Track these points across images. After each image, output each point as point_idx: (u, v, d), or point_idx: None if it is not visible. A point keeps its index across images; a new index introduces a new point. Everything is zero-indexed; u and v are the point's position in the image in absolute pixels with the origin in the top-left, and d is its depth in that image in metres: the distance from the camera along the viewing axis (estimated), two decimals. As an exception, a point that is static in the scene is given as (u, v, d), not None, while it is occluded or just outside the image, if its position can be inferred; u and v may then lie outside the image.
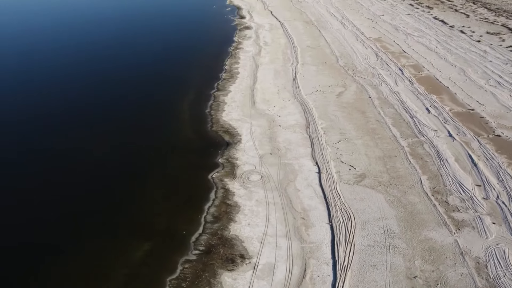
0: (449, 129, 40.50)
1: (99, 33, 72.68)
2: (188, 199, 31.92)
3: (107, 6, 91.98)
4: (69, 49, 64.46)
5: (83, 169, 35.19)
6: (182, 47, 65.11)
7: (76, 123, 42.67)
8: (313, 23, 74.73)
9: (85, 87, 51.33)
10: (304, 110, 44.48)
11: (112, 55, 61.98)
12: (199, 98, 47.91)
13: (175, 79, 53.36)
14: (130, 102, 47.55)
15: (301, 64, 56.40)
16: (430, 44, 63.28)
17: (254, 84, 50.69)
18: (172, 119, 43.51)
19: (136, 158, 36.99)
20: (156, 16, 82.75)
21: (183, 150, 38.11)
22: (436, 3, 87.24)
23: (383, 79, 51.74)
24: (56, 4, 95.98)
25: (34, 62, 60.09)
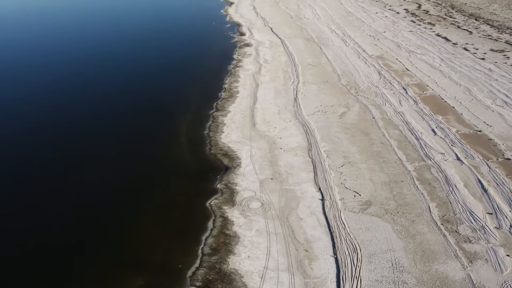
0: (457, 152, 39.42)
1: (94, 47, 72.11)
2: (184, 229, 30.64)
3: (106, 23, 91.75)
4: (57, 65, 63.83)
5: (73, 193, 33.96)
6: (180, 65, 64.45)
7: (68, 142, 41.68)
8: (314, 40, 74.32)
9: (78, 104, 50.40)
10: (306, 131, 43.45)
11: (107, 74, 61.32)
12: (197, 118, 46.98)
13: (173, 98, 52.56)
14: (126, 122, 46.58)
15: (302, 83, 55.63)
16: (434, 62, 62.65)
17: (254, 104, 49.79)
18: (169, 141, 42.48)
19: (129, 183, 35.85)
20: (154, 33, 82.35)
21: (180, 175, 36.94)
22: (438, 19, 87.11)
23: (386, 98, 50.88)
24: (53, 18, 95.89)
25: (30, 75, 59.62)
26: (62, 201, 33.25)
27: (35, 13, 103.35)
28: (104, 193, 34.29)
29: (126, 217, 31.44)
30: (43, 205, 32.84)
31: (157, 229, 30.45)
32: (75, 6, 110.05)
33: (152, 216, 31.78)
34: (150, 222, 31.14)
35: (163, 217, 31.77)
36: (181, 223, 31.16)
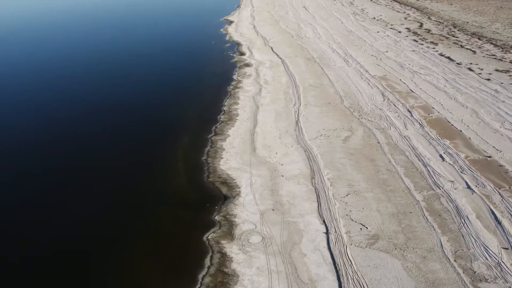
0: (467, 180, 37.93)
1: (90, 64, 71.33)
2: (179, 266, 28.92)
3: (104, 39, 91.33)
4: (51, 82, 62.87)
5: (55, 223, 32.32)
6: (178, 85, 63.49)
7: (57, 170, 40.20)
8: (315, 60, 73.56)
9: (63, 125, 49.16)
10: (309, 157, 42.03)
11: (99, 91, 60.32)
12: (195, 143, 45.62)
13: (170, 120, 51.32)
14: (118, 146, 45.27)
15: (304, 105, 54.46)
16: (438, 83, 61.64)
17: (254, 128, 48.49)
18: (165, 167, 41.01)
19: (119, 212, 34.27)
20: (151, 52, 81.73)
21: (175, 205, 35.38)
22: (440, 39, 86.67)
23: (391, 122, 49.62)
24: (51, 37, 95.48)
25: (27, 92, 58.66)
26: (45, 231, 31.56)
27: (40, 29, 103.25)
28: (90, 224, 32.63)
29: (115, 252, 29.73)
30: (22, 232, 31.17)
31: (149, 266, 28.69)
32: (74, 25, 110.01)
33: (143, 251, 30.05)
34: (141, 258, 29.41)
35: (156, 252, 30.05)
36: (176, 259, 29.44)
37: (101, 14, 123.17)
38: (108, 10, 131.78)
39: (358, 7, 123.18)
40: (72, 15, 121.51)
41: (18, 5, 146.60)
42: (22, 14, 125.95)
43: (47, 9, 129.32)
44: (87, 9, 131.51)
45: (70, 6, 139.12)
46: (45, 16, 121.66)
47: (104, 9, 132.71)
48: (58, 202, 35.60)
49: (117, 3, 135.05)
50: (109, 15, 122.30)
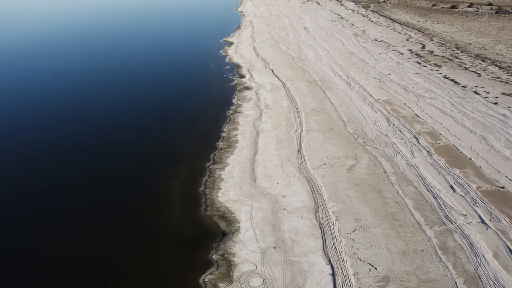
0: (480, 214, 36.05)
1: (86, 85, 70.11)
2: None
3: (102, 58, 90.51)
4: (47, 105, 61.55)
5: (38, 268, 30.24)
6: (176, 110, 62.10)
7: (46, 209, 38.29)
8: (317, 83, 72.45)
9: (58, 160, 47.47)
10: (312, 188, 40.18)
11: (98, 113, 59.01)
12: (192, 172, 43.84)
13: (167, 148, 49.71)
14: (112, 176, 43.42)
15: (306, 131, 52.91)
16: (444, 107, 60.29)
17: (255, 156, 46.77)
18: (160, 200, 39.13)
19: (109, 250, 32.22)
20: (148, 74, 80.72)
21: (170, 242, 33.42)
22: (444, 61, 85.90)
23: (397, 149, 47.96)
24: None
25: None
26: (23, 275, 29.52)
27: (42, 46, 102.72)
28: (77, 265, 30.52)
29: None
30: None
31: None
32: (78, 43, 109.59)
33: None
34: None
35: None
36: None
37: (101, 35, 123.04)
38: (107, 33, 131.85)
39: (359, 28, 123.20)
40: (77, 32, 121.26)
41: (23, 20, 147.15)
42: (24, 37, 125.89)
43: (45, 37, 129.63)
44: (87, 27, 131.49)
45: (76, 25, 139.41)
46: (42, 44, 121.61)
47: (103, 32, 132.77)
48: (40, 242, 33.57)
49: (117, 28, 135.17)
50: (109, 38, 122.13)
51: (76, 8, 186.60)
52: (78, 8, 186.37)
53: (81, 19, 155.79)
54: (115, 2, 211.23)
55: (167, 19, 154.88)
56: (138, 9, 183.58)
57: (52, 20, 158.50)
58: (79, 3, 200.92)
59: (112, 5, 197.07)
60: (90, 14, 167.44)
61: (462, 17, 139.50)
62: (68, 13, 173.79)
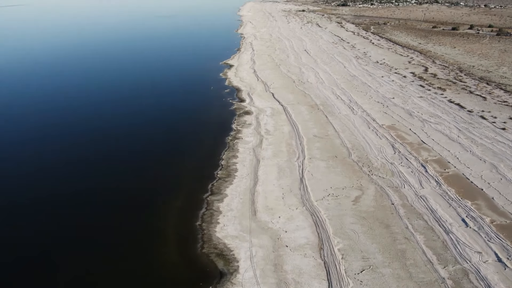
0: (496, 251, 33.96)
1: (83, 111, 68.71)
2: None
3: (100, 87, 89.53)
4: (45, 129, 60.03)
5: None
6: (173, 136, 60.59)
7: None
8: (318, 107, 71.10)
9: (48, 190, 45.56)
10: (316, 222, 38.14)
11: (85, 148, 57.16)
12: (189, 204, 41.86)
13: (163, 177, 47.82)
14: (107, 206, 41.41)
15: (309, 159, 51.12)
16: (451, 133, 58.67)
17: (255, 186, 44.85)
18: (153, 236, 37.06)
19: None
20: (146, 98, 79.46)
21: (163, 285, 31.00)
22: (448, 84, 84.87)
23: (405, 178, 46.08)
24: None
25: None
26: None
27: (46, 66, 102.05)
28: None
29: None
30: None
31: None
32: (81, 66, 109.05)
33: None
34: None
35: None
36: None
37: (101, 57, 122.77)
38: (106, 55, 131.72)
39: (360, 50, 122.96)
40: (81, 56, 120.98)
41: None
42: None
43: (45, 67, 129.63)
44: (91, 47, 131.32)
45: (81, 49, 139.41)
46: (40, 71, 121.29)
47: (103, 54, 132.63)
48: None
49: (116, 56, 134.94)
50: (108, 61, 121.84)
51: (82, 28, 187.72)
52: (83, 28, 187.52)
53: (86, 38, 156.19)
54: (116, 26, 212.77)
55: (167, 41, 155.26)
56: (139, 31, 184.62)
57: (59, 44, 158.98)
58: (84, 24, 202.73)
59: (113, 29, 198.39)
60: (95, 33, 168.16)
61: (463, 39, 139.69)
62: (73, 36, 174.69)
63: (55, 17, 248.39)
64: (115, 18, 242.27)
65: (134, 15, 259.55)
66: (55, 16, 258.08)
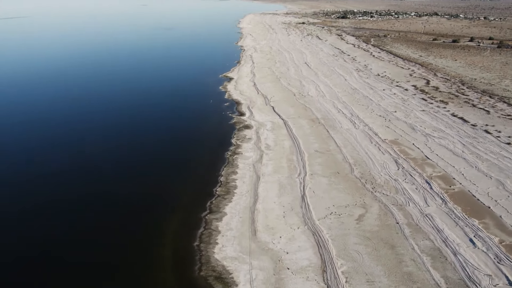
0: (507, 273, 32.82)
1: (81, 127, 67.86)
2: None
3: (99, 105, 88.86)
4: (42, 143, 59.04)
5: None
6: (171, 151, 59.59)
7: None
8: (319, 121, 70.21)
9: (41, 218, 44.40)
10: (318, 242, 36.91)
11: (82, 173, 56.13)
12: (187, 223, 40.69)
13: (160, 195, 46.70)
14: (103, 222, 40.17)
15: (310, 175, 50.03)
16: (455, 148, 57.67)
17: (255, 204, 43.69)
18: (149, 257, 35.84)
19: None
20: (144, 112, 78.67)
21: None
22: (450, 97, 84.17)
23: (409, 196, 44.95)
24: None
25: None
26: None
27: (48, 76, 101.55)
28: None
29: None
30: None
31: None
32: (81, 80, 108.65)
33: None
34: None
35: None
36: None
37: (99, 70, 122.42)
38: (105, 68, 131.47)
39: (360, 63, 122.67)
40: (77, 64, 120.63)
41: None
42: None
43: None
44: (87, 61, 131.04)
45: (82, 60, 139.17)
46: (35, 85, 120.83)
47: (102, 66, 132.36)
48: None
49: (115, 69, 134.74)
50: (106, 74, 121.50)
51: (81, 39, 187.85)
52: (83, 40, 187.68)
53: (85, 50, 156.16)
54: (116, 38, 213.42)
55: (167, 54, 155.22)
56: (139, 43, 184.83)
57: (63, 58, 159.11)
58: (81, 40, 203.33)
59: (113, 41, 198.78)
60: (95, 45, 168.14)
61: (464, 52, 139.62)
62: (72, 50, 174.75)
63: (57, 30, 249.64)
64: (115, 30, 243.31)
65: (134, 27, 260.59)
66: (57, 28, 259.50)
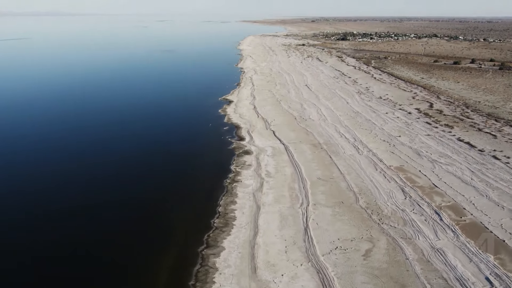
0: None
1: (79, 152, 66.05)
2: None
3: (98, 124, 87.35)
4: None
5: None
6: (167, 180, 57.20)
7: None
8: (322, 147, 68.37)
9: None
10: (323, 281, 34.57)
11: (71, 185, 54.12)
12: (182, 259, 38.39)
13: (155, 227, 44.35)
14: (89, 269, 37.69)
15: (313, 205, 47.87)
16: (463, 175, 55.64)
17: (255, 237, 41.42)
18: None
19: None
20: (142, 136, 76.97)
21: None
22: (455, 121, 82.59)
23: (418, 228, 42.69)
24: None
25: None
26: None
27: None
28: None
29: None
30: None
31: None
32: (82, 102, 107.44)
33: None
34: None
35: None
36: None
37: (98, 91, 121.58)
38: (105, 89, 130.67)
39: (362, 85, 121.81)
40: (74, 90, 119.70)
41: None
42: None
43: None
44: (85, 83, 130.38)
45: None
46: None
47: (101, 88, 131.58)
48: None
49: (114, 92, 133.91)
50: (106, 96, 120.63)
51: (81, 61, 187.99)
52: (82, 62, 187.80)
53: (84, 73, 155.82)
54: (116, 60, 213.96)
55: (166, 76, 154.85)
56: (139, 65, 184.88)
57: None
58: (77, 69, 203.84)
59: (113, 63, 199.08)
60: (94, 68, 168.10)
61: (466, 74, 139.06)
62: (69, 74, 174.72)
63: (56, 52, 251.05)
64: (116, 51, 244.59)
65: (135, 48, 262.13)
66: (56, 51, 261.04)
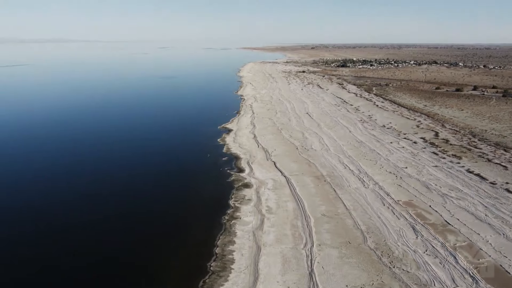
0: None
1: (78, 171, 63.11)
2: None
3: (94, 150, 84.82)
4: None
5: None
6: (161, 218, 53.90)
7: None
8: (325, 179, 65.44)
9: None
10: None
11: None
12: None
13: (146, 271, 40.90)
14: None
15: (318, 246, 44.60)
16: (477, 211, 52.55)
17: (255, 284, 38.19)
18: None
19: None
20: (135, 168, 74.17)
21: None
22: (462, 151, 79.92)
23: (433, 273, 39.37)
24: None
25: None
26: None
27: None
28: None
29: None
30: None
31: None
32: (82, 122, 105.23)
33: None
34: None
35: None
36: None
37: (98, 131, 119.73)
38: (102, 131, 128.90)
39: (364, 113, 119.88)
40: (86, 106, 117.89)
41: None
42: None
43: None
44: (81, 112, 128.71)
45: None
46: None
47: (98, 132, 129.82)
48: None
49: (110, 122, 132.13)
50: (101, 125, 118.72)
51: (80, 89, 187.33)
52: (81, 89, 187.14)
53: (82, 101, 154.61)
54: (115, 86, 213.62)
55: (165, 103, 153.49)
56: (139, 90, 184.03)
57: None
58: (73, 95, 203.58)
59: (112, 89, 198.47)
60: (94, 94, 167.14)
61: (469, 101, 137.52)
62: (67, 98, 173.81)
63: (55, 79, 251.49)
64: (115, 77, 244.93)
65: (135, 75, 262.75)
66: (54, 79, 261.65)
